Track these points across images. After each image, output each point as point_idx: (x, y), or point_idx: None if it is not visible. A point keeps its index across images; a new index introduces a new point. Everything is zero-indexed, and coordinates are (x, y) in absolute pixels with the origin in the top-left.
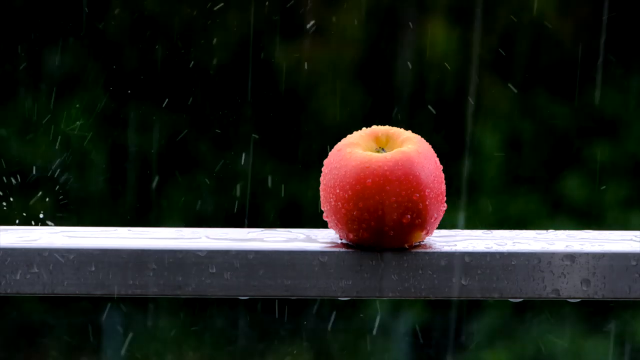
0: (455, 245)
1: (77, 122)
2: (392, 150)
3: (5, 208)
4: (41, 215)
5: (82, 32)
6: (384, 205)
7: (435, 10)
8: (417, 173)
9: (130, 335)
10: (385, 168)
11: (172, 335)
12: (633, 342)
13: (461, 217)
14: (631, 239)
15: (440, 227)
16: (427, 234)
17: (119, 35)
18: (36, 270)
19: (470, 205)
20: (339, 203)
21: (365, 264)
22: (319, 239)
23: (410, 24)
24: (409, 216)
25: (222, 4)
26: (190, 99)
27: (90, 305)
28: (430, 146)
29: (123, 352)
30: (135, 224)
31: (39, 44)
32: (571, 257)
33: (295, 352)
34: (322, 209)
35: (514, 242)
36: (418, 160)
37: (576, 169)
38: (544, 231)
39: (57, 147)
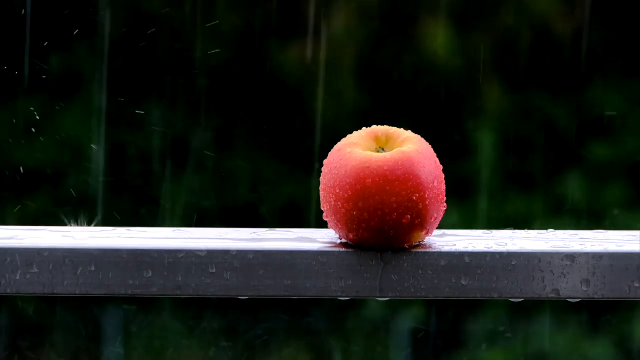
0: (455, 245)
1: (77, 121)
2: (392, 150)
3: (5, 208)
4: (41, 216)
5: (82, 32)
6: (384, 205)
7: (435, 10)
8: (417, 173)
9: (130, 335)
10: (385, 168)
11: (172, 335)
12: (633, 342)
13: (461, 218)
14: (631, 239)
15: (440, 227)
16: (427, 234)
17: (119, 33)
18: (36, 270)
19: (470, 206)
20: (339, 203)
21: (365, 264)
22: (319, 239)
23: (410, 23)
24: (409, 216)
25: (222, 2)
26: (190, 99)
27: (90, 305)
28: (430, 146)
29: (123, 352)
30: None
31: (39, 44)
32: (571, 257)
33: (295, 352)
34: (322, 209)
35: (514, 242)
36: (418, 160)
37: (576, 169)
38: (544, 231)
39: (57, 147)
